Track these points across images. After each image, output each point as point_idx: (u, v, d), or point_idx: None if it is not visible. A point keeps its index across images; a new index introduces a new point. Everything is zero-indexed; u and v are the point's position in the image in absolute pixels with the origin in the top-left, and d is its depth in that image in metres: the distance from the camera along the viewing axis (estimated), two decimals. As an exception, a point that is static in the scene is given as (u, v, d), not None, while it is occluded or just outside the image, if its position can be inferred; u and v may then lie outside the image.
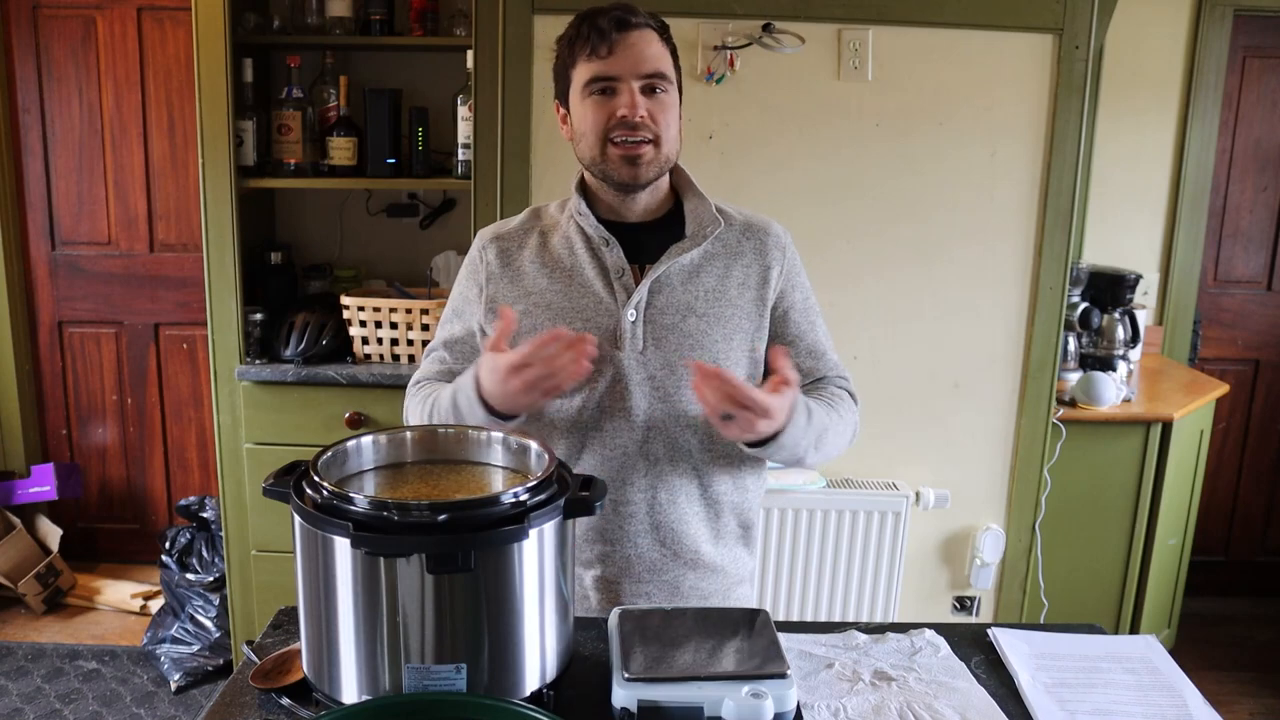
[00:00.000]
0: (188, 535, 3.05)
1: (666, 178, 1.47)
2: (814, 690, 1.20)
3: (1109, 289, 3.11)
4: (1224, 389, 3.05)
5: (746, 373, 1.47)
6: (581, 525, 1.45)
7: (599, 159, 1.40)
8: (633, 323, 1.41)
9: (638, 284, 1.42)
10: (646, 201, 1.46)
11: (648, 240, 1.45)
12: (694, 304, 1.43)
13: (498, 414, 1.32)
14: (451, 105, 2.56)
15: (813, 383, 1.53)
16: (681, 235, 1.45)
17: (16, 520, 3.37)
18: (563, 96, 1.44)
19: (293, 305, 2.66)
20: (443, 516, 0.98)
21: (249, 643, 1.26)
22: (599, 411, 1.43)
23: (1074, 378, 2.84)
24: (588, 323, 1.42)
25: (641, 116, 1.36)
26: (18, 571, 3.29)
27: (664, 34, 1.40)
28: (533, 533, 1.02)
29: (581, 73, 1.38)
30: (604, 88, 1.37)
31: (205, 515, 3.04)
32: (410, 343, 2.57)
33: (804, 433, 1.38)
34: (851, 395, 1.55)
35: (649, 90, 1.37)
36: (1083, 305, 3.04)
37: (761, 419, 1.27)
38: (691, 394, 1.40)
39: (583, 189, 1.47)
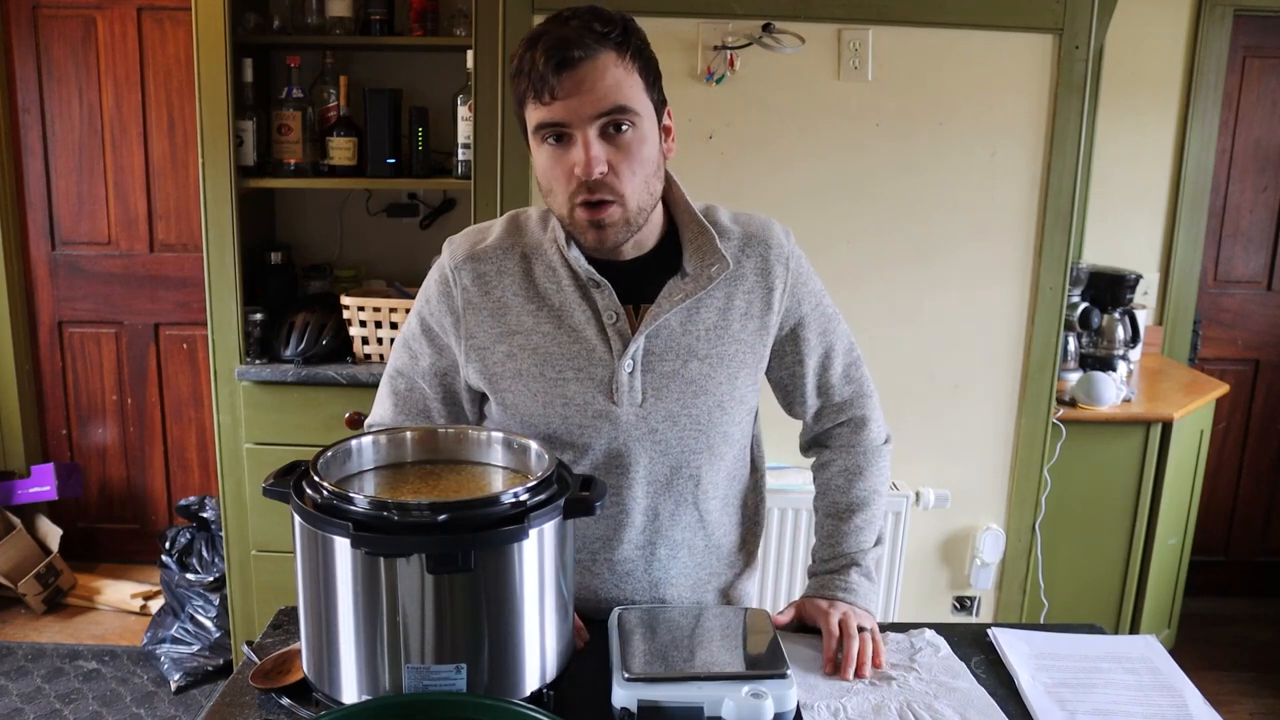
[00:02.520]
0: (188, 535, 3.05)
1: (659, 206, 1.29)
2: (813, 690, 1.20)
3: (1109, 289, 3.11)
4: (1224, 389, 3.05)
5: (750, 404, 1.38)
6: (574, 584, 1.36)
7: (568, 220, 1.23)
8: (630, 374, 1.27)
9: (633, 329, 1.27)
10: (637, 237, 1.27)
11: (642, 275, 1.28)
12: (695, 346, 1.29)
13: None
14: (451, 105, 2.56)
15: (823, 411, 1.45)
16: (678, 264, 1.29)
17: (16, 520, 3.37)
18: (523, 133, 1.25)
19: (293, 305, 2.66)
20: (443, 516, 0.98)
21: (249, 643, 1.26)
22: (592, 469, 1.30)
23: (1074, 378, 2.84)
24: (579, 373, 1.27)
25: (601, 172, 1.16)
26: (18, 571, 3.29)
27: (625, 45, 1.17)
28: (533, 533, 1.02)
29: (530, 115, 1.20)
30: (556, 135, 1.18)
31: (205, 515, 3.04)
32: (410, 343, 2.57)
33: (867, 586, 1.38)
34: (866, 423, 1.46)
35: (611, 128, 1.17)
36: (1083, 305, 3.04)
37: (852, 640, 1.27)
38: (695, 442, 1.32)
39: None
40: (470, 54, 2.42)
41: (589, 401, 1.28)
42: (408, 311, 2.51)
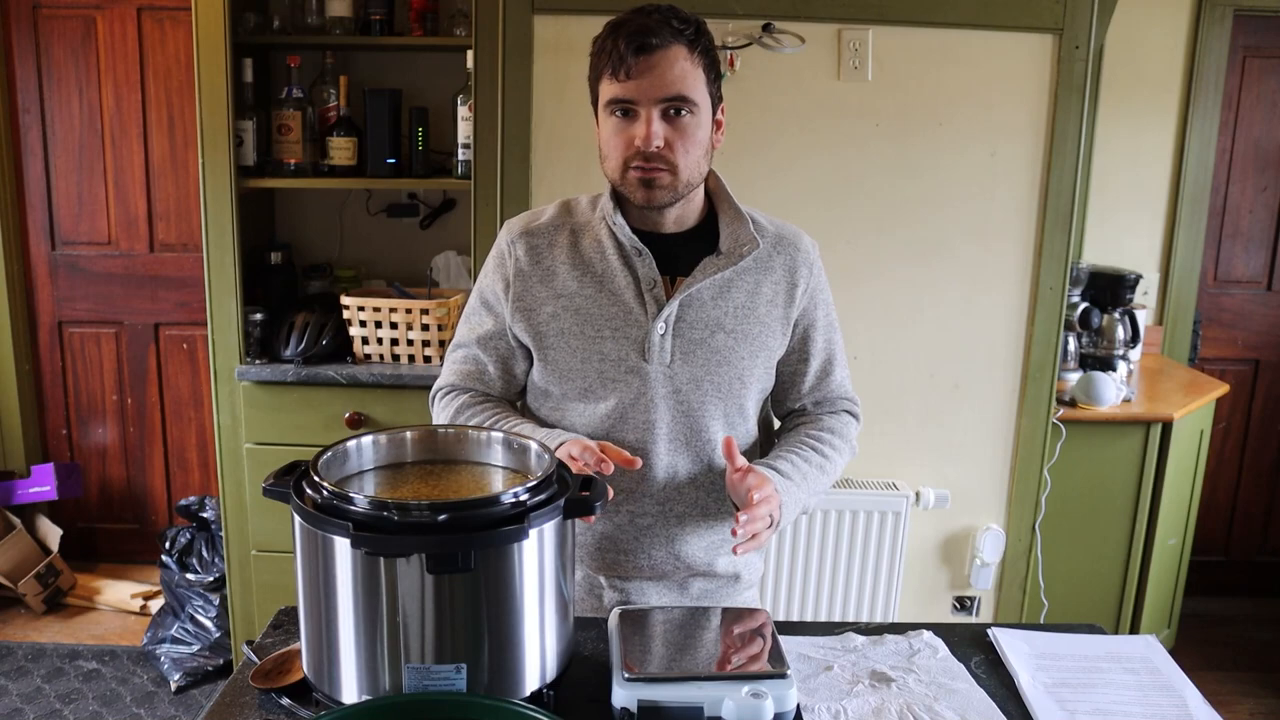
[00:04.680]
0: (188, 535, 3.05)
1: (700, 188, 1.44)
2: (814, 693, 1.20)
3: (1109, 289, 3.11)
4: (1224, 389, 3.05)
5: (762, 386, 1.48)
6: (593, 533, 1.45)
7: (619, 181, 1.38)
8: (662, 336, 1.39)
9: (669, 296, 1.40)
10: (679, 213, 1.42)
11: (680, 251, 1.43)
12: (723, 320, 1.42)
13: None
14: (451, 105, 2.56)
15: (814, 405, 1.54)
16: (714, 246, 1.43)
17: (16, 520, 3.37)
18: (594, 105, 1.40)
19: (293, 305, 2.66)
20: (443, 516, 0.98)
21: (249, 643, 1.26)
22: (621, 421, 1.41)
23: (1074, 378, 2.84)
24: (616, 332, 1.40)
25: (658, 147, 1.32)
26: (18, 571, 3.29)
27: (696, 44, 1.34)
28: (533, 533, 1.02)
29: (604, 90, 1.35)
30: (624, 110, 1.33)
31: (205, 515, 3.04)
32: (410, 343, 2.57)
33: (798, 493, 1.40)
34: (851, 414, 1.56)
35: (671, 113, 1.33)
36: (1083, 305, 3.04)
37: (763, 507, 1.29)
38: (714, 409, 1.43)
39: (616, 195, 1.43)
40: (470, 54, 2.42)
41: (623, 358, 1.41)
42: (408, 311, 2.53)
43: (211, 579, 3.00)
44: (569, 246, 1.44)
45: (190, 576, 3.01)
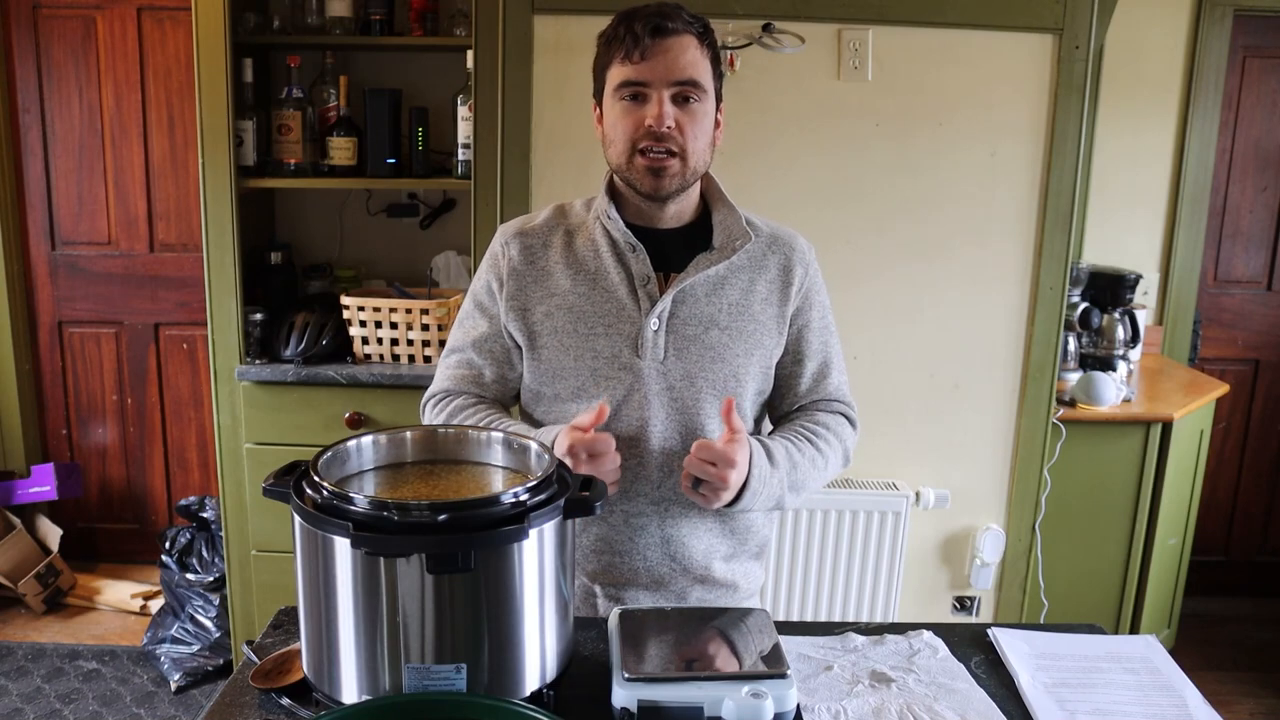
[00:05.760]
0: (188, 535, 3.05)
1: (696, 185, 1.44)
2: (814, 693, 1.20)
3: (1109, 289, 3.11)
4: (1224, 389, 3.05)
5: (759, 387, 1.47)
6: (589, 535, 1.45)
7: (625, 167, 1.38)
8: (655, 332, 1.40)
9: (662, 293, 1.40)
10: (675, 209, 1.43)
11: (674, 248, 1.43)
12: (717, 317, 1.42)
13: None
14: (451, 105, 2.56)
15: (810, 404, 1.52)
16: (708, 244, 1.43)
17: (16, 520, 3.37)
18: (598, 95, 1.41)
19: (293, 305, 2.66)
20: (443, 516, 0.98)
21: (249, 643, 1.26)
22: (615, 418, 1.40)
23: (1074, 378, 2.84)
24: (610, 329, 1.40)
25: (669, 127, 1.33)
26: (18, 571, 3.29)
27: (704, 38, 1.37)
28: (533, 533, 1.02)
29: (614, 75, 1.36)
30: (634, 93, 1.34)
31: (205, 515, 3.04)
32: (410, 343, 2.57)
33: (771, 476, 1.37)
34: (848, 418, 1.53)
35: (681, 99, 1.34)
36: (1083, 305, 3.04)
37: (727, 469, 1.30)
38: (710, 406, 1.42)
39: (612, 191, 1.44)
40: (470, 54, 2.42)
41: (616, 354, 1.40)
42: (408, 311, 2.53)
43: (211, 579, 3.00)
44: (563, 247, 1.44)
45: (190, 576, 3.01)
